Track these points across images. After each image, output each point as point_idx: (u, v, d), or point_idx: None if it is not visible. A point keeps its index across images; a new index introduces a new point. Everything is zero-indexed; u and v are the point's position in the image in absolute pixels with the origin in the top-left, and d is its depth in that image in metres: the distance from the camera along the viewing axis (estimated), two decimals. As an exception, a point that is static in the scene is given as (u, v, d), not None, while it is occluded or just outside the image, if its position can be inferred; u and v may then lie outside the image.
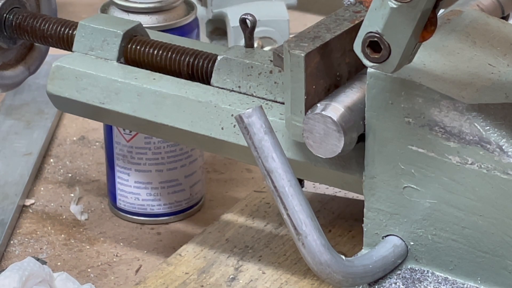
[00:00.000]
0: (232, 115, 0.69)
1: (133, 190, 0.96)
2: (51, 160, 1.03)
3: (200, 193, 0.95)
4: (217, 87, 0.76)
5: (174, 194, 0.92)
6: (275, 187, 0.59)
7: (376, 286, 0.66)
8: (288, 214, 0.58)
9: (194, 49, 0.83)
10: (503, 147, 0.59)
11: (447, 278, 0.64)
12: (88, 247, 0.87)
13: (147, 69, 0.85)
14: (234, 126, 0.68)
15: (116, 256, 0.88)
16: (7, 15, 0.82)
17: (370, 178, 0.65)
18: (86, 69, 0.83)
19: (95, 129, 1.10)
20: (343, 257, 0.61)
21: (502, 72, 0.64)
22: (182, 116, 0.78)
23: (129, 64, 0.87)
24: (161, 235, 0.89)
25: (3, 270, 0.71)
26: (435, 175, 0.62)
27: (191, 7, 0.96)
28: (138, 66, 0.86)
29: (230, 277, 0.80)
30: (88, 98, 0.84)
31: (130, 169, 0.96)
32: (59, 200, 0.93)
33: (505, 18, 0.77)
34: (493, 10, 0.76)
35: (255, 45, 0.93)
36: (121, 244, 0.91)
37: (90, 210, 0.97)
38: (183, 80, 0.80)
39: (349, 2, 0.73)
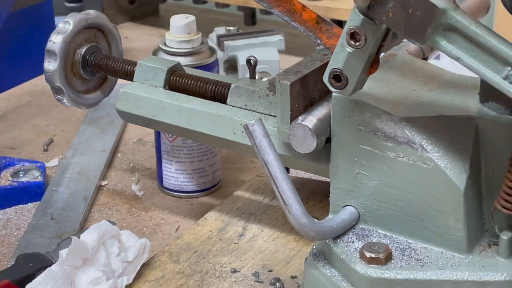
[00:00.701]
0: (241, 124, 0.69)
1: (174, 175, 0.95)
2: (119, 154, 1.03)
3: (219, 177, 0.96)
4: (231, 105, 0.76)
5: (202, 177, 0.93)
6: (270, 173, 0.59)
7: (338, 240, 0.64)
8: (279, 191, 0.58)
9: (215, 80, 0.82)
10: (424, 146, 0.59)
11: (386, 234, 0.63)
12: (144, 213, 0.89)
13: (184, 93, 0.84)
14: (242, 132, 0.68)
15: (163, 220, 0.88)
16: (89, 57, 0.81)
17: (334, 167, 0.65)
18: (143, 93, 0.83)
19: (149, 133, 1.07)
20: (316, 220, 0.60)
21: (423, 95, 0.64)
22: (207, 125, 0.78)
23: (172, 90, 0.85)
24: (193, 205, 0.90)
25: (87, 229, 0.70)
26: (378, 165, 0.62)
27: (213, 51, 0.97)
28: (178, 91, 0.84)
29: (240, 233, 0.80)
30: (144, 113, 0.84)
31: (172, 161, 0.94)
32: (124, 182, 0.94)
33: (425, 59, 0.77)
34: (417, 53, 0.77)
35: (257, 77, 0.92)
36: (166, 211, 0.90)
37: (145, 188, 0.96)
38: (207, 101, 0.79)
39: (320, 48, 0.72)
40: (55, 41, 0.75)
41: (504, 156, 0.56)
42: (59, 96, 0.79)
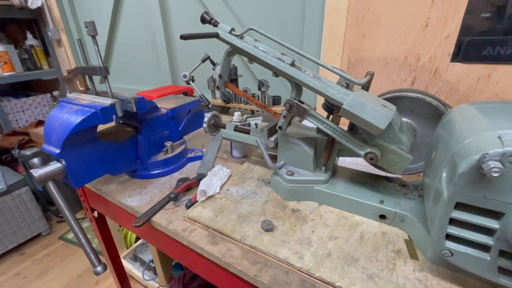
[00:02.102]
0: (256, 140, 0.68)
1: (235, 152, 0.83)
2: (220, 148, 0.91)
3: (246, 152, 0.84)
4: (251, 135, 0.70)
5: (242, 152, 0.82)
6: (261, 151, 0.65)
7: (280, 170, 0.62)
8: (264, 156, 0.63)
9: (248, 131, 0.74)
10: (301, 144, 0.61)
11: (292, 167, 0.62)
12: (228, 163, 0.78)
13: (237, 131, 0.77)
14: (256, 141, 0.67)
15: (234, 165, 0.77)
16: (213, 122, 0.78)
17: (279, 150, 0.63)
18: (228, 131, 0.75)
19: (228, 144, 0.98)
20: (273, 164, 0.62)
21: (302, 131, 0.63)
22: (249, 140, 0.71)
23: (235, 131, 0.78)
24: (241, 161, 0.80)
25: (214, 167, 0.70)
26: (289, 149, 0.61)
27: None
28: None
29: (253, 167, 0.75)
30: (226, 135, 0.77)
31: (234, 149, 0.84)
32: (221, 155, 0.85)
33: (300, 121, 0.73)
34: (300, 120, 0.74)
35: (257, 127, 0.89)
36: (234, 162, 0.79)
37: (228, 156, 0.84)
38: (244, 134, 0.72)
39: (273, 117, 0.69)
40: (205, 120, 0.74)
41: (323, 146, 0.58)
42: (208, 133, 0.77)
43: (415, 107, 0.52)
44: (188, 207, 0.57)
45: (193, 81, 1.03)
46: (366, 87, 0.49)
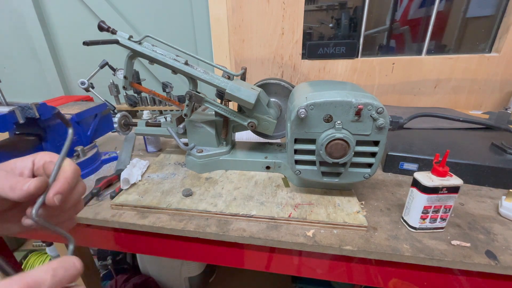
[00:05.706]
0: (167, 129, 0.64)
1: (148, 147, 0.80)
2: (136, 145, 0.84)
3: (160, 146, 0.80)
4: (162, 127, 0.68)
5: (156, 146, 0.79)
6: (175, 139, 0.62)
7: (191, 150, 0.62)
8: (177, 142, 0.61)
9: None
10: (203, 126, 0.62)
11: (202, 147, 0.62)
12: (145, 156, 0.75)
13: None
14: (168, 130, 0.64)
15: (154, 156, 0.73)
16: (124, 122, 0.75)
17: (188, 135, 0.62)
18: (139, 127, 0.73)
19: (141, 141, 0.89)
20: (186, 145, 0.62)
21: (206, 118, 0.63)
22: (161, 131, 0.70)
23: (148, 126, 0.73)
24: (158, 153, 0.75)
25: (132, 160, 0.67)
26: (194, 132, 0.61)
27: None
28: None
29: (168, 156, 0.73)
30: (138, 131, 0.74)
31: (150, 145, 0.79)
32: (137, 151, 0.80)
33: (204, 109, 0.70)
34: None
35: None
36: (152, 156, 0.75)
37: (142, 153, 0.78)
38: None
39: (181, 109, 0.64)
40: (115, 120, 0.72)
41: (221, 125, 0.61)
42: (120, 132, 0.74)
43: (277, 90, 0.61)
44: (112, 197, 0.55)
45: (92, 87, 1.00)
46: (243, 78, 0.57)
